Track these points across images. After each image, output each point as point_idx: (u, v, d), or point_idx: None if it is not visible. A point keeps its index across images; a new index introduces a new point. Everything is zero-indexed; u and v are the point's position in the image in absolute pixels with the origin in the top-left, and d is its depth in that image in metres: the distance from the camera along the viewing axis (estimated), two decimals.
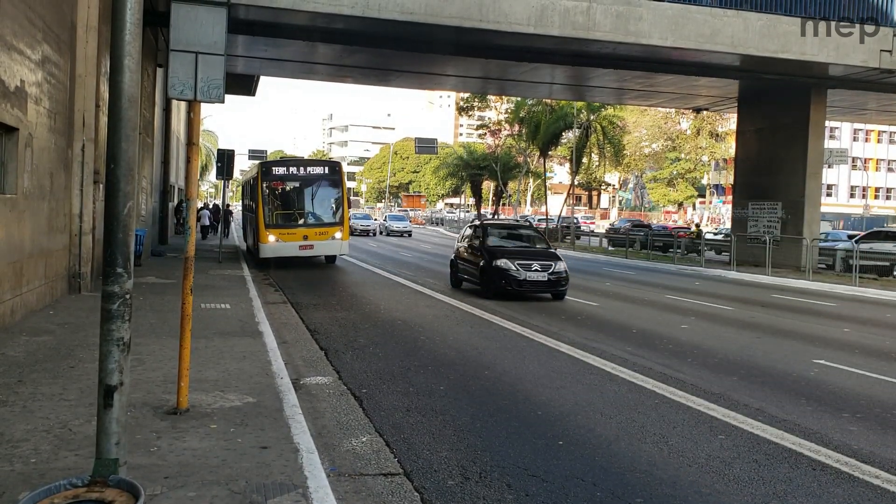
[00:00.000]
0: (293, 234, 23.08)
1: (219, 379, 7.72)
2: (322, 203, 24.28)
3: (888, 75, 25.39)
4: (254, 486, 4.85)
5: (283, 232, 23.01)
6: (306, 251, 23.48)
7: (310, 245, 23.27)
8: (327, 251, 24.33)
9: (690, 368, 10.04)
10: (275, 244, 22.77)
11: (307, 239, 23.20)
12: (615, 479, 5.72)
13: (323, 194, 24.26)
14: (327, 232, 23.48)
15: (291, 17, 21.14)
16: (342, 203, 24.24)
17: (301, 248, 23.15)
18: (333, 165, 25.72)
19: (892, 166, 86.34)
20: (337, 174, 24.70)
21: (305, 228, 23.40)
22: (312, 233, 23.35)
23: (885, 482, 5.84)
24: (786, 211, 29.26)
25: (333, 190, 24.34)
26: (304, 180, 24.09)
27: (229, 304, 13.32)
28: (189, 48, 6.33)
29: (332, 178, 24.46)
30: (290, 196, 24.20)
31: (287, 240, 22.91)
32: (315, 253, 24.09)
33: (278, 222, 23.31)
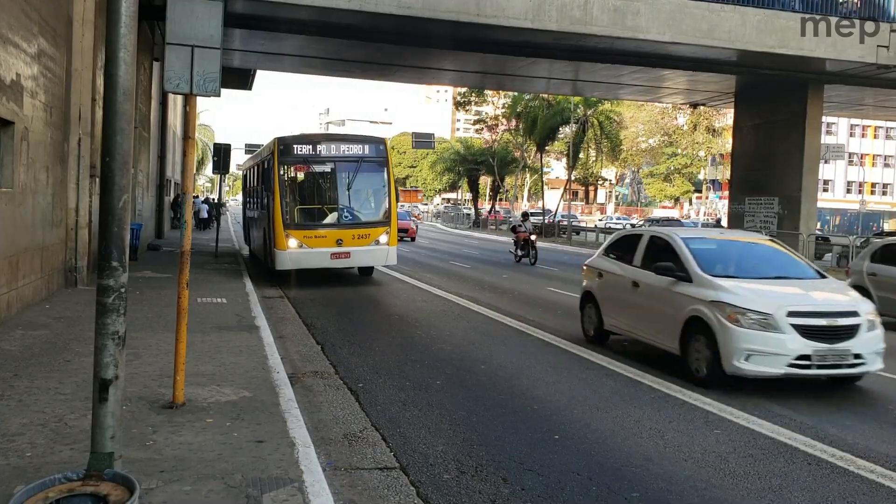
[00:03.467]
0: (323, 238, 17.06)
1: (215, 373, 7.72)
2: (362, 194, 18.17)
3: (885, 71, 25.37)
4: (250, 480, 4.85)
5: (309, 235, 17.00)
6: (340, 261, 17.44)
7: (345, 253, 17.13)
8: (368, 261, 18.18)
9: None
10: (297, 251, 16.78)
11: (341, 244, 17.02)
12: (611, 474, 5.72)
13: (363, 182, 18.01)
14: (369, 234, 17.35)
15: (288, 11, 21.07)
16: (389, 194, 17.94)
17: (333, 258, 17.14)
18: (377, 143, 18.44)
19: (888, 162, 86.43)
20: (382, 155, 18.09)
21: (339, 230, 17.23)
22: (349, 236, 17.17)
23: (881, 476, 5.86)
24: (782, 206, 29.27)
25: (377, 176, 18.04)
26: (337, 163, 17.71)
27: (226, 299, 13.31)
28: (185, 42, 6.31)
29: (376, 161, 17.95)
30: (319, 184, 18.21)
31: (314, 245, 16.93)
32: (352, 263, 18.06)
33: (302, 221, 17.27)
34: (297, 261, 16.92)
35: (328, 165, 17.78)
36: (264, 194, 18.91)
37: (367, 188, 18.21)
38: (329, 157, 17.68)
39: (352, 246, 17.18)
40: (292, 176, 17.90)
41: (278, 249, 16.80)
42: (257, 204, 21.56)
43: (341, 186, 17.76)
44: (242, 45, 26.87)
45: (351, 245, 17.16)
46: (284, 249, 16.72)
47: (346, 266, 18.23)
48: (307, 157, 17.65)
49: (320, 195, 18.16)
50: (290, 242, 16.70)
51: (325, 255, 17.03)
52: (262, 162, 19.97)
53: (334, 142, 18.11)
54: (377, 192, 18.19)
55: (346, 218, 17.55)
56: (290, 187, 17.75)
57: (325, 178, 18.03)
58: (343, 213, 17.63)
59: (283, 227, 16.71)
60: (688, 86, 31.92)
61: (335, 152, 17.69)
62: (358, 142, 18.30)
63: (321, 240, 17.07)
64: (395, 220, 17.94)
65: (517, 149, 65.44)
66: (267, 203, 18.10)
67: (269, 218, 17.66)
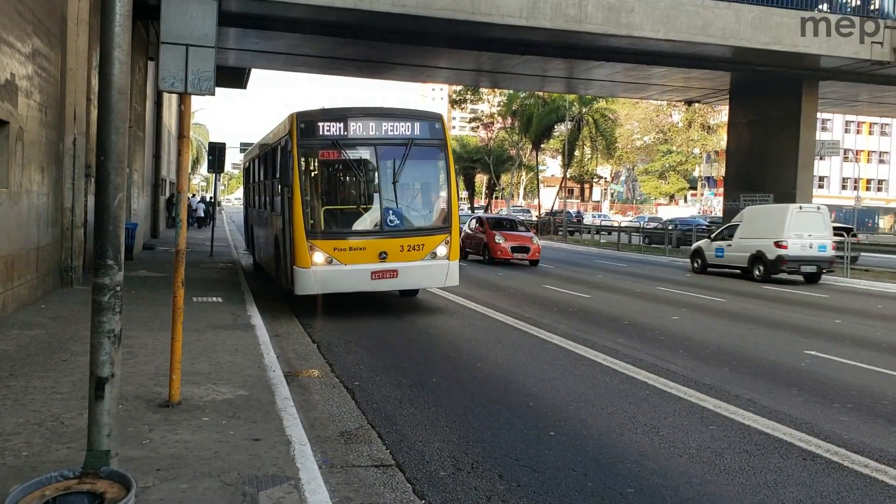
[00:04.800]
0: (361, 252, 12.61)
1: (211, 372, 7.72)
2: (412, 190, 13.89)
3: (879, 67, 25.49)
4: (246, 478, 4.86)
5: (342, 246, 12.56)
6: (385, 282, 12.84)
7: (391, 271, 12.67)
8: (422, 281, 13.57)
9: (682, 359, 10.07)
10: (325, 269, 12.37)
11: (386, 259, 12.60)
12: (606, 470, 5.74)
13: (414, 173, 13.56)
14: (423, 245, 12.95)
15: (283, 10, 21.10)
16: (449, 189, 13.56)
17: (375, 277, 12.63)
18: (432, 120, 13.62)
19: (883, 158, 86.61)
20: (439, 136, 13.48)
21: (383, 238, 12.71)
22: (395, 247, 12.69)
23: (874, 471, 5.89)
24: (777, 202, 29.33)
25: (432, 165, 13.59)
26: (378, 147, 13.09)
27: (221, 298, 13.31)
28: (180, 41, 6.31)
29: (431, 144, 13.37)
30: (353, 177, 13.39)
31: (349, 261, 12.49)
32: (400, 285, 13.34)
33: (332, 227, 12.90)
34: (324, 282, 12.44)
35: (366, 150, 13.01)
36: (277, 191, 14.22)
37: (418, 181, 13.95)
38: (367, 138, 12.93)
39: (400, 261, 12.67)
40: (317, 166, 13.30)
41: (299, 267, 12.31)
42: (266, 203, 16.92)
43: (384, 179, 12.94)
44: (237, 44, 26.90)
45: (399, 260, 12.67)
46: (307, 267, 12.23)
47: (390, 288, 13.45)
48: (337, 140, 12.68)
49: (356, 191, 13.38)
50: (316, 257, 12.24)
51: (364, 275, 12.53)
52: (274, 149, 15.18)
53: (374, 117, 13.11)
54: (433, 186, 13.89)
55: (391, 222, 12.78)
56: (315, 181, 13.25)
57: (362, 168, 13.05)
58: (387, 216, 12.77)
59: (305, 235, 12.27)
60: (682, 83, 31.99)
61: (375, 132, 12.98)
62: (406, 117, 13.36)
63: (358, 253, 12.52)
64: (458, 224, 13.58)
65: (513, 147, 65.53)
66: (281, 203, 13.53)
67: (284, 223, 13.18)
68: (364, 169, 13.06)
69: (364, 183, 13.10)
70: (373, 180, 13.02)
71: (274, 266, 15.25)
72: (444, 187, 13.59)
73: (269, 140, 16.28)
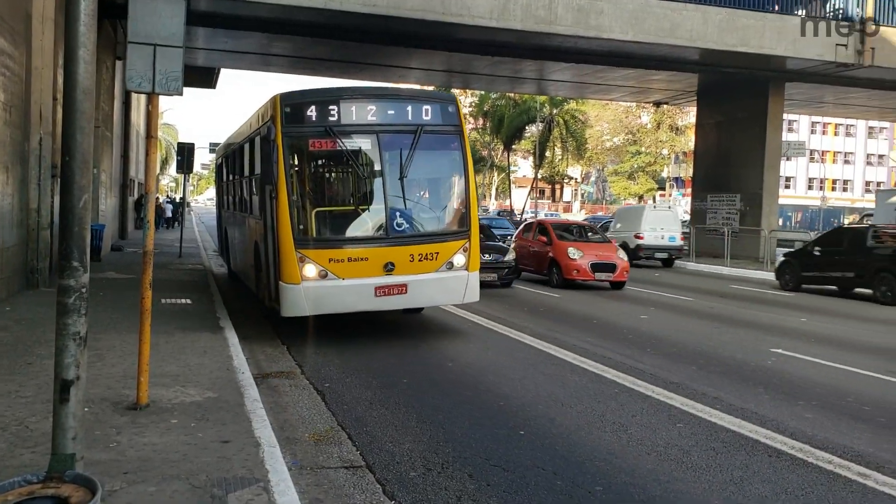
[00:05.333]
0: (362, 263, 10.42)
1: (179, 374, 7.66)
2: (423, 187, 11.63)
3: (844, 69, 25.91)
4: (214, 480, 4.83)
5: (339, 256, 10.39)
6: (392, 299, 10.64)
7: (399, 285, 10.53)
8: (436, 296, 11.35)
9: (650, 358, 10.17)
10: (319, 285, 10.24)
11: (393, 270, 10.44)
12: (575, 468, 5.79)
13: (425, 166, 11.28)
14: (437, 253, 10.82)
15: (252, 9, 20.97)
16: (466, 186, 11.33)
17: (380, 294, 10.46)
18: (445, 103, 11.45)
19: (848, 159, 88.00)
20: (453, 122, 11.26)
21: (389, 246, 10.56)
22: (404, 256, 10.57)
23: (838, 467, 5.99)
24: (744, 203, 29.73)
25: (447, 156, 11.41)
26: (381, 135, 10.81)
27: (190, 300, 13.20)
28: (147, 40, 6.26)
29: (445, 131, 11.21)
30: (351, 171, 11.19)
31: (348, 274, 10.33)
32: (410, 302, 11.09)
33: (326, 233, 10.80)
34: (318, 301, 10.26)
35: (366, 139, 10.79)
36: (258, 190, 12.23)
37: (430, 176, 11.67)
38: (367, 124, 10.72)
39: (410, 273, 10.51)
40: (307, 158, 11.09)
41: (286, 283, 10.15)
42: (244, 205, 14.47)
43: (389, 174, 10.63)
44: (206, 44, 26.68)
45: (408, 272, 10.50)
46: (296, 282, 10.08)
47: (399, 307, 11.18)
48: (331, 127, 10.44)
49: (354, 189, 11.26)
50: (307, 270, 10.11)
51: (367, 291, 10.33)
52: (253, 140, 12.84)
53: (375, 99, 11.02)
54: (447, 181, 11.59)
55: (398, 227, 10.60)
56: (304, 177, 11.16)
57: (362, 161, 10.84)
58: (394, 219, 10.59)
59: (293, 243, 10.11)
60: (651, 84, 32.29)
61: (377, 117, 10.76)
62: (414, 99, 11.40)
63: (359, 265, 10.32)
64: (477, 227, 11.42)
65: (484, 148, 65.66)
66: (263, 204, 11.48)
67: (267, 228, 11.07)
68: (364, 162, 10.81)
69: (364, 179, 10.84)
70: (375, 175, 10.75)
71: (254, 279, 12.88)
72: (460, 183, 11.29)
73: (247, 131, 13.64)
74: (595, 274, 18.67)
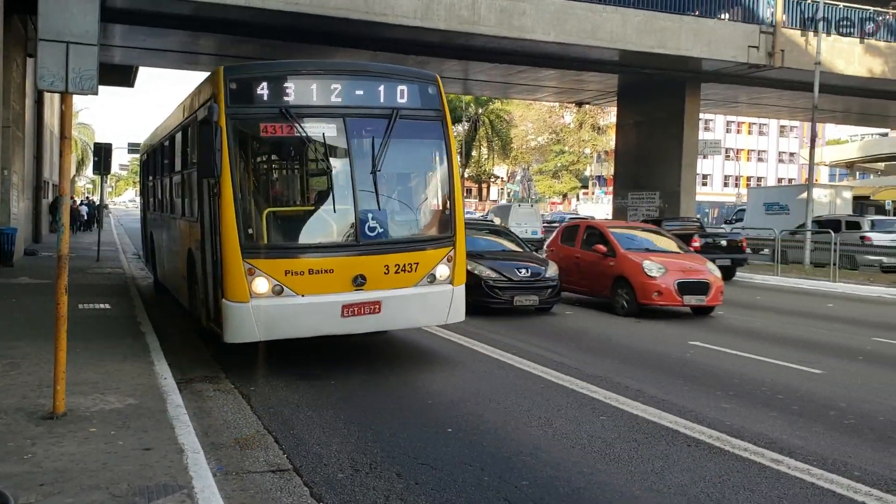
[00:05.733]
0: (326, 275, 8.55)
1: (98, 381, 7.46)
2: (399, 184, 9.84)
3: (756, 70, 26.85)
4: (136, 489, 4.73)
5: (297, 267, 8.49)
6: (363, 319, 8.80)
7: (371, 303, 8.75)
8: (416, 315, 9.47)
9: (573, 353, 10.37)
10: (273, 303, 8.35)
11: (364, 285, 8.66)
12: (502, 464, 5.86)
13: (400, 159, 9.48)
14: (416, 263, 9.07)
15: (172, 6, 20.53)
16: (450, 183, 9.57)
17: (349, 313, 8.65)
18: (424, 82, 9.53)
19: (762, 156, 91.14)
20: (434, 106, 9.49)
21: (358, 255, 8.73)
22: (377, 266, 8.79)
23: (753, 454, 6.22)
24: (663, 200, 30.51)
25: (427, 147, 9.68)
26: (348, 120, 8.88)
27: (109, 304, 12.84)
28: (59, 38, 6.07)
29: (424, 116, 9.45)
30: (313, 164, 9.66)
31: (309, 289, 8.47)
32: (384, 323, 9.20)
33: (281, 239, 9.03)
34: (271, 323, 8.33)
35: (330, 124, 8.81)
36: (193, 186, 10.13)
37: (408, 170, 9.86)
38: (332, 106, 8.82)
39: (384, 288, 8.73)
40: (257, 147, 9.21)
41: (231, 300, 8.22)
42: (175, 205, 12.32)
43: (359, 167, 8.77)
44: (123, 41, 25.96)
45: (382, 286, 8.72)
46: (243, 300, 8.16)
47: (371, 329, 9.18)
48: (287, 108, 8.48)
49: (316, 185, 9.65)
50: (258, 285, 8.20)
51: (332, 310, 8.50)
52: (188, 127, 10.78)
53: (341, 76, 9.10)
54: (428, 177, 9.84)
55: (370, 231, 8.72)
56: (254, 170, 9.26)
57: (325, 151, 8.91)
58: (365, 223, 8.71)
59: (240, 251, 8.17)
60: (573, 85, 32.83)
61: (343, 98, 8.86)
62: (388, 77, 9.30)
63: (323, 278, 8.45)
64: (464, 232, 9.58)
65: None
66: (200, 203, 9.58)
67: (206, 233, 9.21)
68: (328, 152, 8.83)
69: (328, 173, 8.90)
70: (341, 168, 8.79)
71: (186, 293, 11.02)
72: (443, 178, 9.50)
73: (180, 117, 11.58)
74: (683, 297, 13.78)
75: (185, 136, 11.25)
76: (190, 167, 10.66)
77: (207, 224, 9.10)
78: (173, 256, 12.59)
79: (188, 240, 10.70)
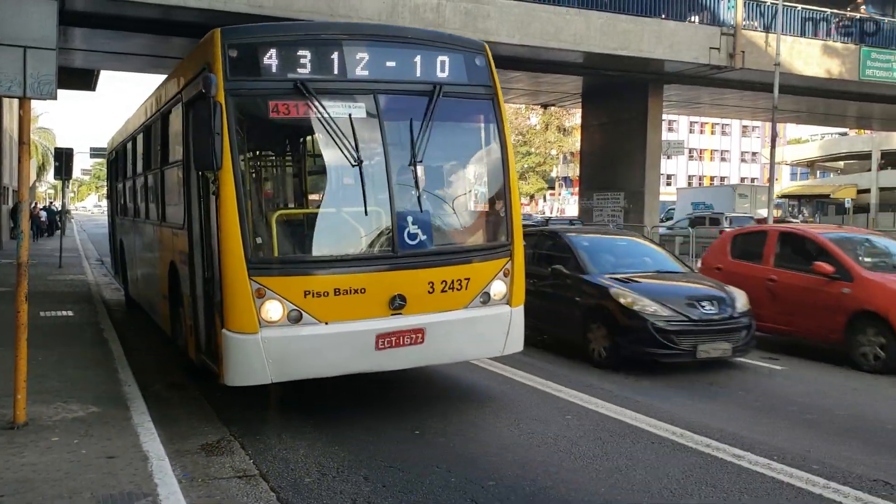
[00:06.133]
0: (357, 296, 6.66)
1: (61, 389, 7.36)
2: (444, 179, 7.98)
3: (717, 71, 27.20)
4: (100, 498, 4.69)
5: (321, 285, 6.57)
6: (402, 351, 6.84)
7: (413, 331, 6.83)
8: (467, 346, 7.43)
9: (539, 353, 10.41)
10: (289, 333, 6.47)
11: (403, 308, 6.78)
12: (469, 464, 5.90)
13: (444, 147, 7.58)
14: (467, 279, 7.16)
15: (134, 10, 20.27)
16: (505, 177, 7.67)
17: (385, 345, 6.74)
18: (471, 53, 7.72)
19: (724, 156, 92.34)
20: (484, 81, 7.75)
21: (396, 269, 6.87)
22: (419, 284, 6.91)
23: (715, 450, 6.33)
24: (628, 200, 30.79)
25: (476, 133, 7.99)
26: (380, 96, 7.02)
27: (72, 311, 12.67)
28: (16, 42, 5.99)
29: (472, 94, 7.65)
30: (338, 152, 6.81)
31: (334, 315, 6.58)
32: (428, 356, 7.20)
33: (300, 250, 7.16)
34: (288, 360, 6.62)
35: (358, 104, 7.06)
36: (179, 184, 8.16)
37: (454, 162, 8.04)
38: (359, 81, 7.04)
39: (428, 311, 6.98)
40: (267, 131, 7.78)
41: (234, 331, 6.48)
42: (154, 208, 10.14)
43: (395, 157, 7.04)
44: (84, 45, 25.58)
45: (426, 309, 6.97)
46: (252, 331, 6.43)
47: (413, 365, 7.50)
48: (304, 83, 6.71)
49: (342, 181, 7.41)
50: (269, 309, 6.47)
51: (364, 341, 6.75)
52: (169, 113, 8.96)
53: (369, 42, 7.26)
54: (477, 170, 8.04)
55: (411, 239, 6.95)
56: (262, 161, 8.39)
57: (353, 138, 6.87)
58: (404, 227, 6.94)
59: (245, 266, 6.45)
60: (539, 87, 33.02)
61: (373, 71, 7.06)
62: (428, 45, 7.51)
63: (352, 300, 6.71)
64: (521, 239, 7.71)
65: None
66: (188, 204, 7.72)
67: (194, 242, 7.57)
68: (355, 137, 6.80)
69: (357, 164, 6.76)
70: (373, 159, 6.99)
71: (167, 316, 9.17)
72: (496, 172, 7.70)
73: (160, 102, 9.57)
74: None
75: (165, 125, 9.23)
76: (170, 163, 8.90)
77: (198, 232, 7.38)
78: (150, 270, 10.69)
79: (170, 251, 8.74)
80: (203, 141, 6.30)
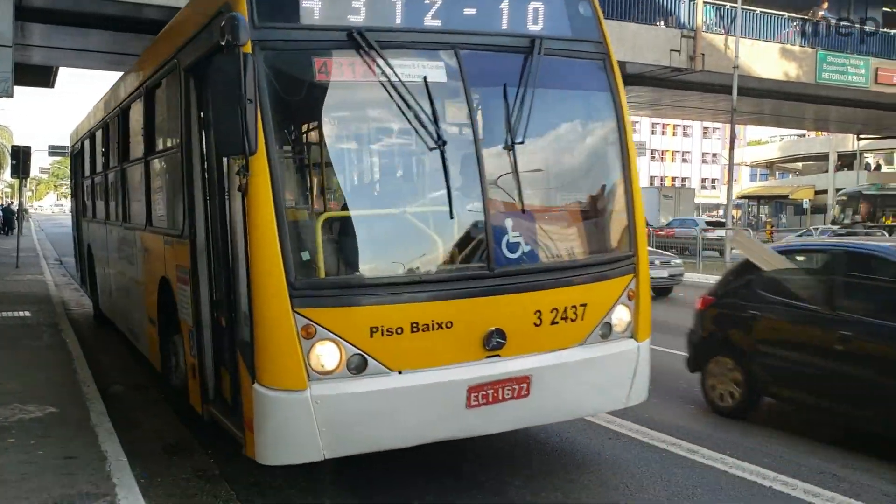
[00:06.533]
0: (440, 332, 4.67)
1: (18, 390, 7.29)
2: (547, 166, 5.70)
3: (678, 73, 27.61)
4: (57, 498, 4.68)
5: (392, 319, 4.59)
6: (502, 407, 4.87)
7: (516, 378, 4.87)
8: (584, 399, 5.44)
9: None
10: (351, 388, 4.51)
11: (501, 346, 4.82)
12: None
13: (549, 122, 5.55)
14: (584, 305, 5.17)
15: (95, 6, 20.02)
16: (622, 163, 5.57)
17: (478, 399, 4.76)
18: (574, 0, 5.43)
19: (686, 157, 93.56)
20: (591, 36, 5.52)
21: (492, 294, 4.84)
22: (524, 313, 4.95)
23: (671, 445, 6.49)
24: None
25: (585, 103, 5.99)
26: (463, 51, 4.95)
27: (29, 312, 12.50)
28: None
29: (580, 53, 5.50)
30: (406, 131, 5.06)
31: (411, 361, 4.66)
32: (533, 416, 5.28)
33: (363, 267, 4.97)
34: (346, 427, 4.61)
35: (434, 63, 5.03)
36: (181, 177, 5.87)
37: (560, 144, 6.01)
38: (434, 32, 5.02)
39: (534, 350, 5.04)
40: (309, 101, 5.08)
41: (270, 387, 4.50)
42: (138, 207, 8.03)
43: (486, 138, 5.18)
44: (43, 41, 25.18)
45: (531, 348, 5.04)
46: (298, 387, 4.44)
47: (511, 427, 5.45)
48: (360, 33, 4.66)
49: (413, 171, 5.68)
50: (323, 355, 4.51)
51: (453, 397, 4.76)
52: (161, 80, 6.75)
53: None
54: (590, 156, 6.13)
55: (511, 250, 4.99)
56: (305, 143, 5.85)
57: (429, 111, 4.82)
58: (502, 235, 4.97)
59: (286, 291, 4.43)
60: None
61: (450, 19, 5.03)
62: None
63: (435, 338, 4.71)
64: (646, 248, 5.72)
65: None
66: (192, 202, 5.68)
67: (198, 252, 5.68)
68: (433, 110, 4.88)
69: (436, 147, 4.88)
70: (457, 141, 5.27)
71: (155, 348, 7.46)
72: (613, 158, 5.75)
73: (144, 72, 7.62)
74: None
75: (151, 102, 7.23)
76: (163, 151, 7.03)
77: (204, 241, 5.63)
78: (129, 286, 8.79)
79: (161, 265, 6.80)
80: (228, 113, 4.28)
